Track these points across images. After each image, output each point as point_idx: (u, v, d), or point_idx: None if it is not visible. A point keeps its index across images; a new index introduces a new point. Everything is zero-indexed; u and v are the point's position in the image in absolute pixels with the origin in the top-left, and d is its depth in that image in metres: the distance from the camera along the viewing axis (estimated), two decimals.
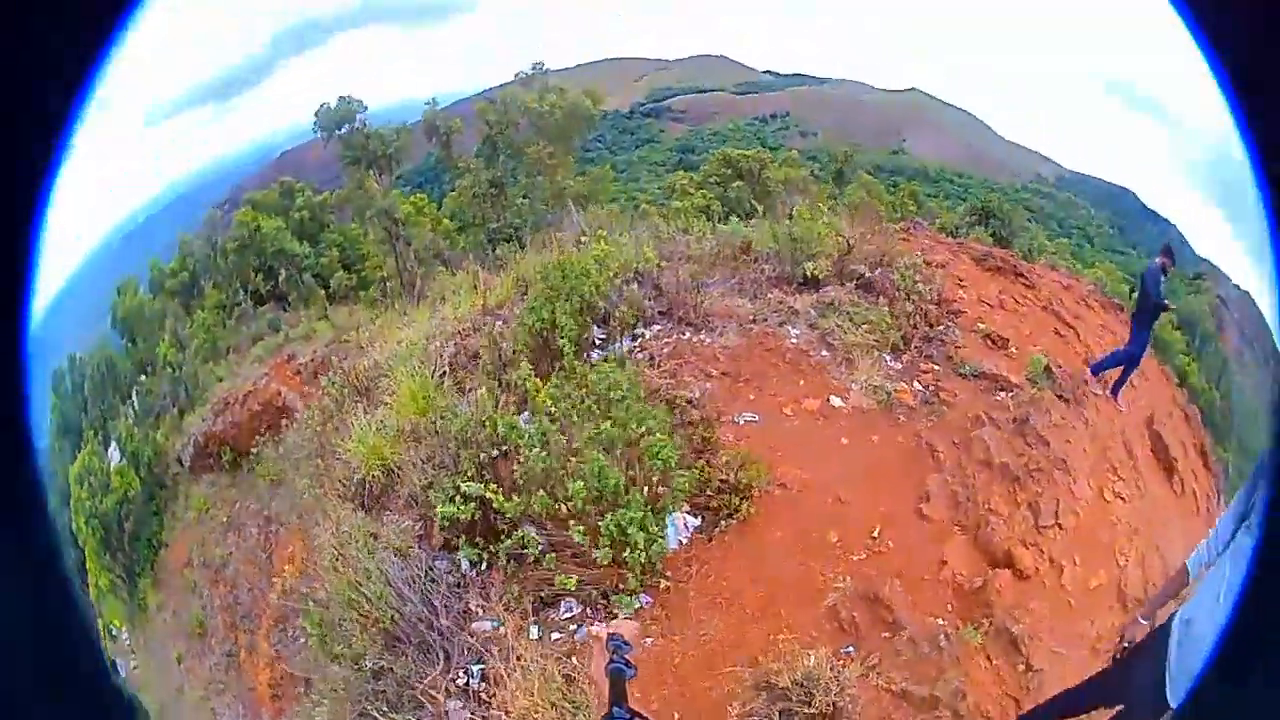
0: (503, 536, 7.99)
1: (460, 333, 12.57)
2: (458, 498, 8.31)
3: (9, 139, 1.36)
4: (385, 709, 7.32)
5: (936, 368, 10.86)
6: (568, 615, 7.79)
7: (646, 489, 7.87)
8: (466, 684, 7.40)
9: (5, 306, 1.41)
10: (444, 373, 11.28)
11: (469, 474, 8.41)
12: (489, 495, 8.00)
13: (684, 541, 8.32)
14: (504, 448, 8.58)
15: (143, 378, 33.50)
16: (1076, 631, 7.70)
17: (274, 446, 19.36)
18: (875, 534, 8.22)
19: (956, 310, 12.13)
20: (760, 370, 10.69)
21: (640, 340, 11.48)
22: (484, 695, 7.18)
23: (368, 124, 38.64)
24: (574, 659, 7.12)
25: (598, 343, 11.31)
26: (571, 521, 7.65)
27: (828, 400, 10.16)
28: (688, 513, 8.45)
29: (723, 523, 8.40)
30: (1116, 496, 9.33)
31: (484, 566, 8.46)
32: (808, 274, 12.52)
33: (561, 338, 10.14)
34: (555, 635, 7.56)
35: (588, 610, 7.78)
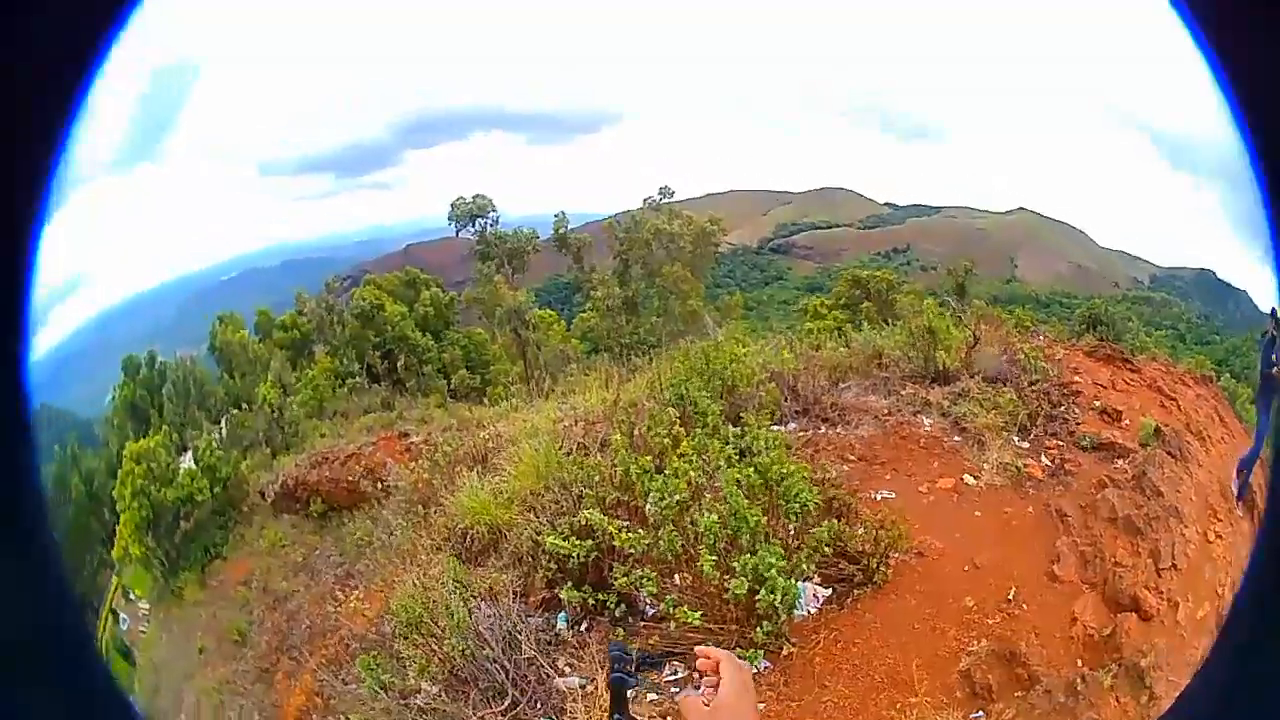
0: (616, 581, 7.67)
1: (590, 420, 12.32)
2: (572, 537, 8.10)
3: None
4: None
5: (1061, 443, 11.13)
6: (671, 678, 7.41)
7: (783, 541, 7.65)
8: None
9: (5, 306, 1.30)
10: (570, 451, 10.81)
11: (592, 510, 8.17)
12: (611, 530, 7.66)
13: (812, 611, 8.01)
14: (633, 491, 8.32)
15: (235, 410, 34.98)
16: (1186, 659, 7.71)
17: (371, 509, 19.13)
18: (1011, 596, 8.20)
19: (1075, 391, 12.51)
20: (896, 456, 10.92)
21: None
22: None
23: (500, 224, 39.39)
24: None
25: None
26: (704, 551, 7.26)
27: (961, 479, 10.29)
28: (818, 584, 8.19)
29: (855, 591, 8.16)
30: (1216, 536, 9.59)
31: (583, 627, 8.23)
32: (940, 366, 12.80)
33: (701, 409, 9.96)
34: (651, 696, 7.21)
35: (694, 675, 7.30)
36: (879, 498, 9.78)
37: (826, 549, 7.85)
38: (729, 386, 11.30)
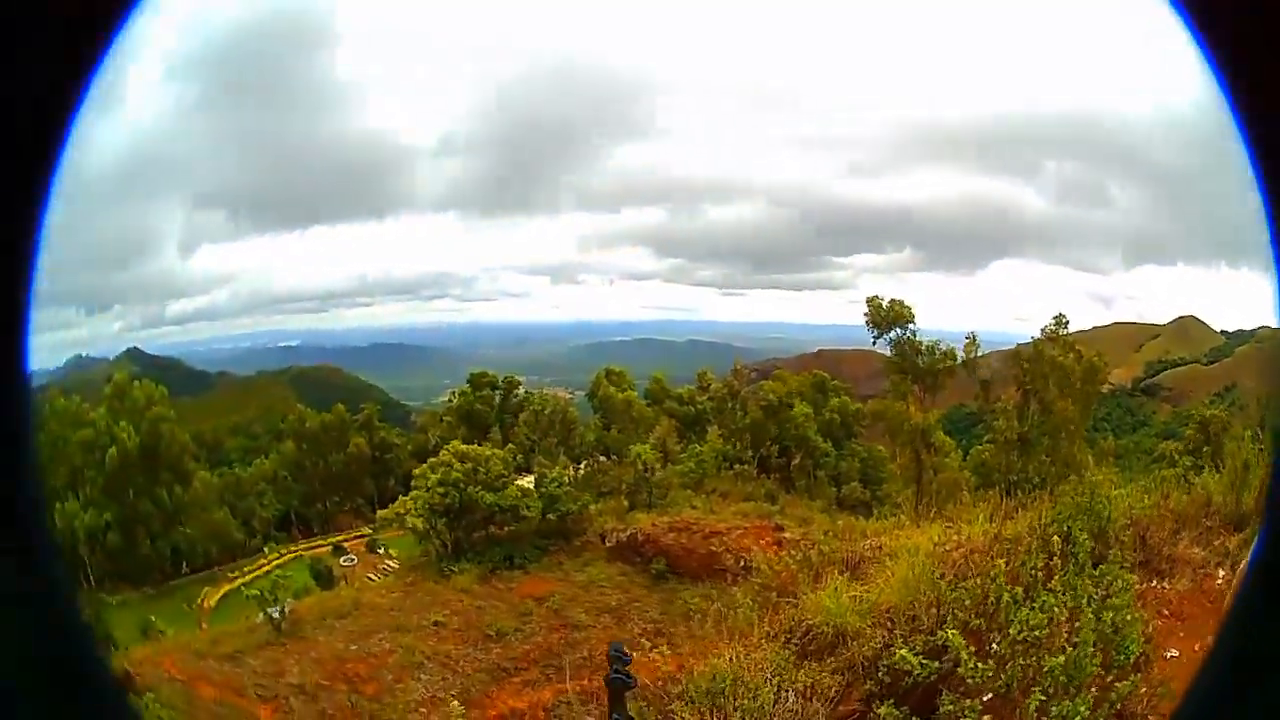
0: (941, 707, 7.88)
1: (971, 549, 12.27)
2: (922, 656, 8.37)
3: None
4: None
5: None
6: None
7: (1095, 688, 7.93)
8: None
9: (7, 323, 1.41)
10: (944, 575, 10.74)
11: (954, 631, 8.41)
12: (963, 655, 7.86)
13: None
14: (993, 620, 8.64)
15: (603, 459, 38.69)
16: None
17: (718, 584, 20.30)
18: None
19: None
20: (1194, 612, 10.88)
21: None
22: None
23: (918, 335, 39.73)
24: None
25: None
26: (1036, 692, 7.52)
27: None
28: None
29: None
30: None
31: None
32: (1244, 509, 12.46)
33: (1078, 547, 10.08)
34: None
35: None
36: (1169, 656, 9.62)
37: (1117, 707, 8.00)
38: (1100, 529, 11.33)
